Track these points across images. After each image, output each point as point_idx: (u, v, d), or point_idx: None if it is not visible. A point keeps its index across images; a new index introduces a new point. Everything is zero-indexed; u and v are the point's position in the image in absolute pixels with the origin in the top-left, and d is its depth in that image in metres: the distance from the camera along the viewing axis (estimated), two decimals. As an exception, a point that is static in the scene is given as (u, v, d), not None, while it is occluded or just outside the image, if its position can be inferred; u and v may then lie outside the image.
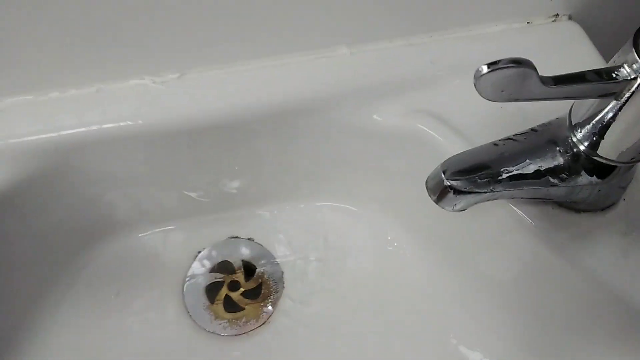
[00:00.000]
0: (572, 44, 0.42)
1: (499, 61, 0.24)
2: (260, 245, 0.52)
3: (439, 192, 0.30)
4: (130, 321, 0.46)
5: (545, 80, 0.25)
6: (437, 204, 0.30)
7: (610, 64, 0.28)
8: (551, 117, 0.34)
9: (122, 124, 0.37)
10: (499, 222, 0.37)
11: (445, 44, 0.41)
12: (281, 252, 0.51)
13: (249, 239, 0.52)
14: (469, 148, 0.37)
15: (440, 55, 0.41)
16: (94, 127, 0.36)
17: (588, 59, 0.41)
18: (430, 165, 0.39)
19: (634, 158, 0.30)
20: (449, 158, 0.31)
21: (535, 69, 0.25)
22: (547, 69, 0.36)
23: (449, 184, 0.29)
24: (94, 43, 0.36)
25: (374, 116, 0.39)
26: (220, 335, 0.46)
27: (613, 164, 0.31)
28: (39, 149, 0.36)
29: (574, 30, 0.42)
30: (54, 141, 0.36)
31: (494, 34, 0.42)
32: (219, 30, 0.37)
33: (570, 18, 0.43)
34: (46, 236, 0.42)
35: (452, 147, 0.37)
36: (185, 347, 0.45)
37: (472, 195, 0.29)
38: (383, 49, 0.41)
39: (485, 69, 0.23)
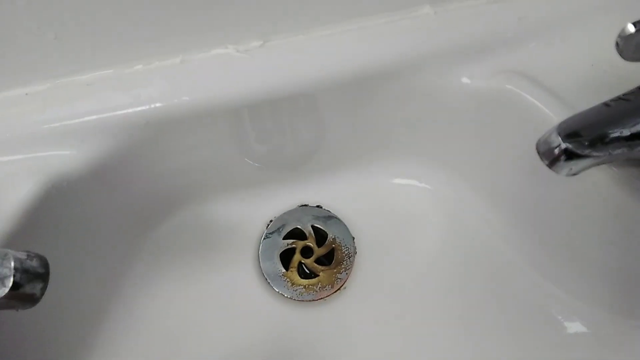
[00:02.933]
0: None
1: (643, 19, 0.23)
2: (330, 211, 0.52)
3: (555, 156, 0.29)
4: (210, 288, 0.47)
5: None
6: (550, 167, 0.29)
7: None
8: (646, 75, 0.33)
9: (209, 94, 0.37)
10: (595, 183, 0.36)
11: (533, 1, 0.39)
12: (351, 219, 0.51)
13: (318, 206, 0.52)
14: (564, 109, 0.36)
15: (528, 11, 0.39)
16: (183, 99, 0.36)
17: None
18: (521, 127, 0.38)
19: None
20: (562, 121, 0.30)
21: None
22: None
23: (565, 146, 0.28)
24: (176, 12, 0.35)
25: (463, 79, 0.38)
26: (296, 300, 0.47)
27: None
28: (130, 122, 0.36)
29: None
30: (145, 115, 0.36)
31: (583, -13, 0.40)
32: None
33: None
34: (131, 207, 0.43)
35: (547, 109, 0.36)
36: (265, 312, 0.46)
37: (589, 159, 0.29)
38: (468, 6, 0.39)
39: (632, 29, 0.22)
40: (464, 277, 0.46)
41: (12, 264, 0.25)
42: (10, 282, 0.25)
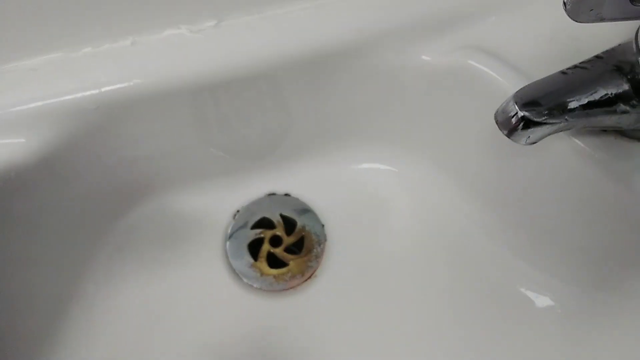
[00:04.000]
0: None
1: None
2: (298, 199, 0.51)
3: (513, 125, 0.29)
4: (177, 282, 0.46)
5: (635, -3, 0.24)
6: (509, 137, 0.29)
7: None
8: (603, 45, 0.33)
9: (162, 76, 0.35)
10: (558, 155, 0.36)
11: (491, -26, 0.39)
12: (320, 206, 0.50)
13: (286, 194, 0.51)
14: (525, 82, 0.35)
15: (487, -14, 0.39)
16: (134, 82, 0.35)
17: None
18: (484, 103, 0.38)
19: None
20: (519, 90, 0.29)
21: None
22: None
23: (521, 115, 0.28)
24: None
25: (423, 56, 0.38)
26: (267, 291, 0.46)
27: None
28: (79, 108, 0.35)
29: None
30: (94, 99, 0.35)
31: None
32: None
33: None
34: (88, 199, 0.41)
35: (507, 82, 0.36)
36: (235, 304, 0.46)
37: (546, 126, 0.28)
38: (427, -18, 0.39)
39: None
40: (434, 258, 0.45)
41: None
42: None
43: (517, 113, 0.28)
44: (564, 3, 0.23)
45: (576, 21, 0.24)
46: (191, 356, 0.42)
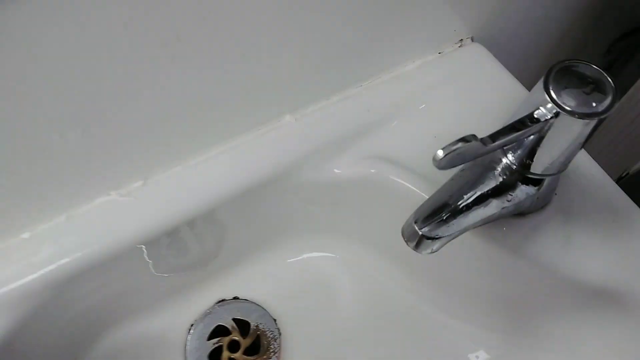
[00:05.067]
0: (480, 64, 0.47)
1: (449, 145, 0.28)
2: (246, 300, 0.54)
3: (416, 242, 0.34)
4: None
5: (485, 141, 0.30)
6: (415, 250, 0.35)
7: (525, 102, 0.34)
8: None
9: (100, 245, 0.38)
10: (466, 242, 0.42)
11: (374, 91, 0.46)
12: (268, 303, 0.54)
13: (235, 297, 0.54)
14: (419, 181, 0.42)
15: (373, 101, 0.45)
16: (77, 254, 0.37)
17: (497, 76, 0.47)
18: (393, 204, 0.43)
19: (558, 170, 0.36)
20: (418, 208, 0.35)
21: (477, 138, 0.29)
22: (462, 94, 0.41)
23: (421, 233, 0.34)
24: (49, 175, 0.36)
25: (335, 170, 0.43)
26: (238, 398, 0.49)
27: (542, 177, 0.37)
28: (27, 292, 0.36)
29: (479, 52, 0.48)
30: (41, 280, 0.37)
31: (413, 70, 0.47)
32: (169, 131, 0.39)
33: (472, 40, 0.48)
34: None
35: (408, 183, 0.42)
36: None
37: (444, 238, 0.34)
38: (323, 107, 0.44)
39: (441, 154, 0.28)
40: (385, 335, 0.50)
41: None
42: None
43: (417, 231, 0.34)
44: (435, 165, 0.29)
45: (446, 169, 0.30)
46: None
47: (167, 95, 0.35)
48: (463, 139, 0.28)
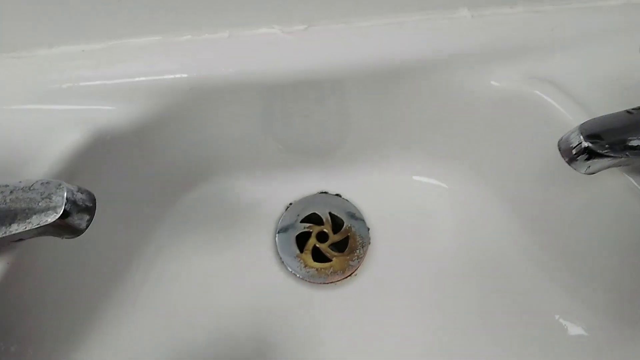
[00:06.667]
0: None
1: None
2: (348, 201, 0.53)
3: (575, 154, 0.31)
4: (227, 261, 0.49)
5: None
6: (569, 164, 0.31)
7: None
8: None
9: (253, 69, 0.39)
10: (610, 191, 0.37)
11: (567, 14, 0.41)
12: (368, 210, 0.53)
13: (338, 194, 0.54)
14: (587, 117, 0.37)
15: (561, 23, 0.41)
16: (229, 71, 0.38)
17: None
18: (545, 132, 0.40)
19: None
20: (585, 122, 0.31)
21: None
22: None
23: (586, 145, 0.30)
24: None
25: (492, 82, 0.40)
26: (308, 282, 0.48)
27: None
28: (175, 87, 0.38)
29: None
30: (189, 81, 0.38)
31: (614, 6, 0.42)
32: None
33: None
34: (163, 173, 0.45)
35: (570, 115, 0.38)
36: (277, 290, 0.48)
37: (607, 159, 0.30)
38: (504, 13, 0.41)
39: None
40: (472, 275, 0.47)
41: (65, 194, 0.27)
42: (61, 210, 0.27)
43: (580, 143, 0.30)
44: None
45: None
46: (225, 326, 0.45)
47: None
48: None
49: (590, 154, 0.30)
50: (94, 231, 0.40)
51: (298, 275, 0.49)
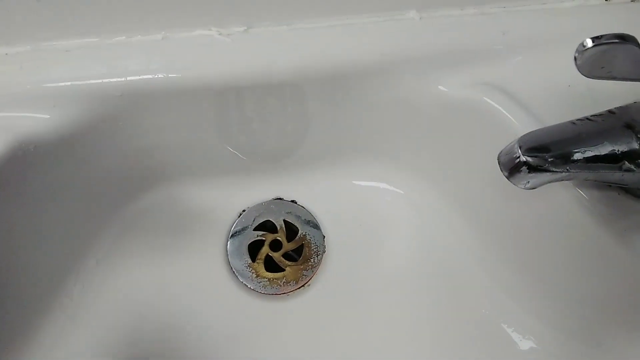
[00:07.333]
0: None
1: (602, 36, 0.23)
2: (303, 207, 0.52)
3: (512, 168, 0.29)
4: (176, 269, 0.47)
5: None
6: (508, 179, 0.30)
7: None
8: (619, 101, 0.33)
9: (187, 74, 0.37)
10: (561, 203, 0.36)
11: (518, 16, 0.40)
12: (324, 217, 0.51)
13: (292, 201, 0.52)
14: (537, 126, 0.36)
15: (513, 27, 0.40)
16: (160, 76, 0.36)
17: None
18: (494, 141, 0.38)
19: None
20: (525, 134, 0.30)
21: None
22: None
23: (524, 159, 0.29)
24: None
25: (440, 87, 0.38)
26: (259, 293, 0.47)
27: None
28: (104, 92, 0.36)
29: (656, 11, 0.40)
30: (120, 86, 0.36)
31: (569, 9, 0.41)
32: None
33: (652, -1, 0.41)
34: (102, 181, 0.43)
35: (520, 124, 0.36)
36: (226, 301, 0.46)
37: (546, 173, 0.29)
38: (453, 15, 0.40)
39: (589, 43, 0.22)
40: (427, 283, 0.46)
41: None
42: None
43: (519, 157, 0.29)
44: (575, 58, 0.23)
45: (586, 77, 0.25)
46: (171, 341, 0.43)
47: None
48: (621, 36, 0.22)
49: (530, 169, 0.29)
50: (22, 248, 0.38)
51: (249, 287, 0.47)
